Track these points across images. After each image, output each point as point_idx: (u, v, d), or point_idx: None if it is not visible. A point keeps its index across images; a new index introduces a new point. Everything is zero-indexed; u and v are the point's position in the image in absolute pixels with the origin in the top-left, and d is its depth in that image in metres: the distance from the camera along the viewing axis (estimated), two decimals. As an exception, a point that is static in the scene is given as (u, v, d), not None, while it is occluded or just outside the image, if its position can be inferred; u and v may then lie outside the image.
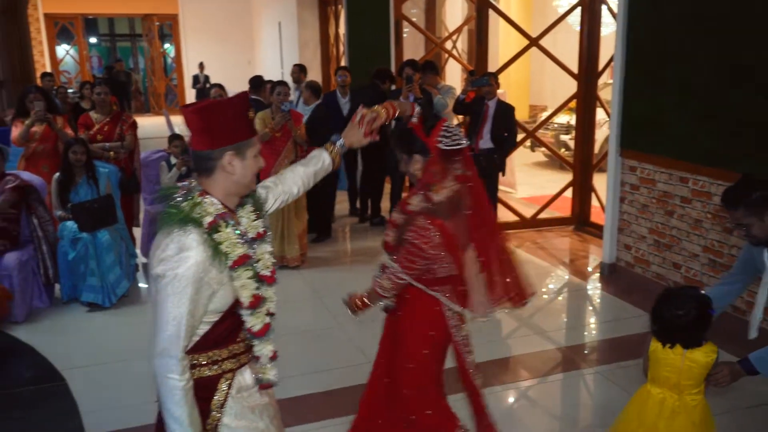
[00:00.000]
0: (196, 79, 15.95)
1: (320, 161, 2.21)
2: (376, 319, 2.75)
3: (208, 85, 9.41)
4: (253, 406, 1.93)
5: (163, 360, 1.70)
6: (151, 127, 13.95)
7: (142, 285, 5.37)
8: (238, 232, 1.82)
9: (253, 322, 1.88)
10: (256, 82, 7.28)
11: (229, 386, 1.87)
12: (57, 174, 4.94)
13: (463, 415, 2.69)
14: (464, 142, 2.45)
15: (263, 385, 1.96)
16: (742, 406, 3.43)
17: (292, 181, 2.17)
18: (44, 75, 9.41)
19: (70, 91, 10.37)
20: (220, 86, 6.03)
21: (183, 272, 1.68)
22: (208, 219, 1.76)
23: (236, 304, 1.84)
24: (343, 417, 3.14)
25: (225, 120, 1.78)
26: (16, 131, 5.50)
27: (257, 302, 1.86)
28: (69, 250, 4.76)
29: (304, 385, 3.68)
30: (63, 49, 18.65)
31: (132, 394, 3.62)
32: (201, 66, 16.17)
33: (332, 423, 3.29)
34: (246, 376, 1.92)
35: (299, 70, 8.39)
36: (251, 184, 1.91)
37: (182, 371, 1.71)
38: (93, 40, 21.27)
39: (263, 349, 1.93)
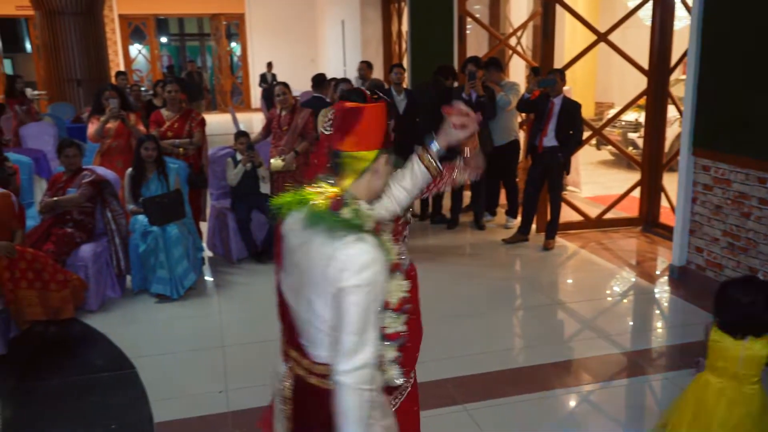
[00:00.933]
0: (263, 78, 15.97)
1: (411, 176, 2.05)
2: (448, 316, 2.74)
3: (274, 84, 9.58)
4: (384, 402, 1.92)
5: (364, 371, 1.62)
6: (217, 124, 14.31)
7: (208, 278, 5.52)
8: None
9: (393, 324, 1.85)
10: (319, 79, 7.35)
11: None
12: (129, 169, 5.13)
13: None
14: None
15: (388, 386, 1.95)
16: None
17: (387, 200, 2.05)
18: (118, 74, 9.80)
19: (142, 89, 10.74)
20: (284, 84, 6.11)
21: (375, 279, 1.62)
22: (372, 224, 1.70)
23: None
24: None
25: (384, 123, 1.74)
26: (92, 128, 5.74)
27: (403, 304, 1.84)
28: (140, 243, 4.93)
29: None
30: (136, 49, 19.35)
31: (198, 384, 3.72)
32: (269, 65, 16.14)
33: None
34: (379, 376, 1.91)
35: (366, 67, 8.38)
36: (383, 191, 1.89)
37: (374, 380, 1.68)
38: (164, 39, 21.99)
39: (389, 351, 1.91)
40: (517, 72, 11.00)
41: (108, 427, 3.36)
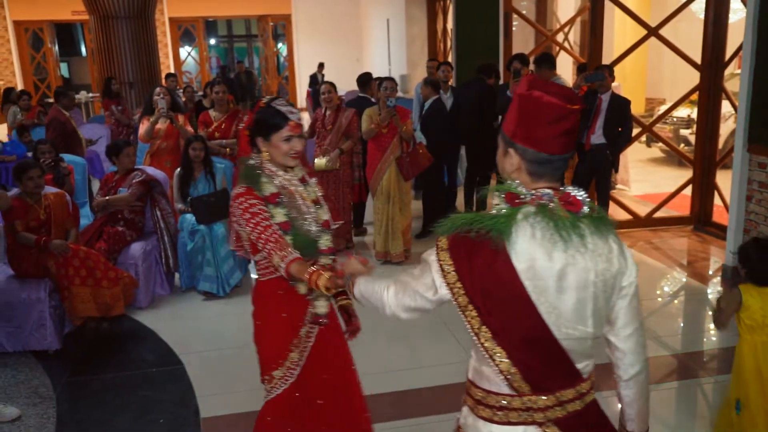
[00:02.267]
0: (313, 78, 15.66)
1: None
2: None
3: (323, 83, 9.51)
4: None
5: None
6: (265, 124, 14.45)
7: (254, 276, 5.58)
8: None
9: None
10: (364, 79, 7.37)
11: None
12: (178, 169, 5.24)
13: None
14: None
15: None
16: None
17: None
18: (168, 75, 10.02)
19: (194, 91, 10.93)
20: (330, 83, 6.14)
21: None
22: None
23: None
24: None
25: None
26: (142, 128, 5.89)
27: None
28: (188, 241, 5.03)
29: (418, 380, 3.70)
30: (185, 51, 19.77)
31: (244, 380, 3.77)
32: (320, 66, 15.83)
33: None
34: None
35: (437, 65, 8.27)
36: None
37: None
38: (212, 41, 22.40)
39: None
40: (565, 68, 10.81)
41: (156, 421, 3.45)
